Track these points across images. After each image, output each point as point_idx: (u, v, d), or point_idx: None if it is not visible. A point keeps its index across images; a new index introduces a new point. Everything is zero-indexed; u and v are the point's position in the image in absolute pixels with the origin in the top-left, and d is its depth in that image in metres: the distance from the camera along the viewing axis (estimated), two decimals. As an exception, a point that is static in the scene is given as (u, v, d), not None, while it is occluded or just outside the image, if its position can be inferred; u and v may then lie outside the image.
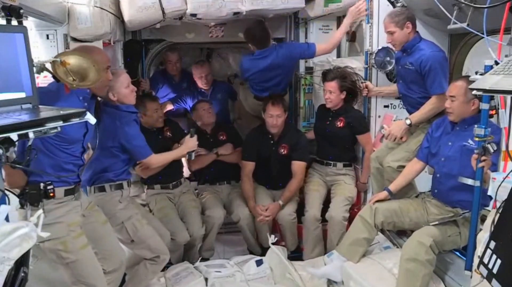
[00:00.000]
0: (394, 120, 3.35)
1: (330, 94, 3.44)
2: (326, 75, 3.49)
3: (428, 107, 2.93)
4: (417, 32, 2.97)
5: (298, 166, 3.59)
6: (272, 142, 3.65)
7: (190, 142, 3.07)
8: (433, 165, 2.83)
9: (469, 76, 2.51)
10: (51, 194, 2.16)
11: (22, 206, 2.18)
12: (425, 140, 2.90)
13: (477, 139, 2.27)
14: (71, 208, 2.31)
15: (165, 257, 2.92)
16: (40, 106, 1.72)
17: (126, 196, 2.88)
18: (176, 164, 3.56)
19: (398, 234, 3.20)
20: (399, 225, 2.90)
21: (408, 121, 3.02)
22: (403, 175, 2.95)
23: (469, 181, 2.43)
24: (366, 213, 2.88)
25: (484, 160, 2.27)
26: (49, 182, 2.17)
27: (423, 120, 3.01)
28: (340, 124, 3.51)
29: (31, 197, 2.14)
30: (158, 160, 2.96)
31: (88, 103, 2.38)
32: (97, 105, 2.64)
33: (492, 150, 2.25)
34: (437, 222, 2.65)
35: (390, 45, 3.17)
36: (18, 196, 2.19)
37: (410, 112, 3.13)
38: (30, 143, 1.55)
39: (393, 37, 2.94)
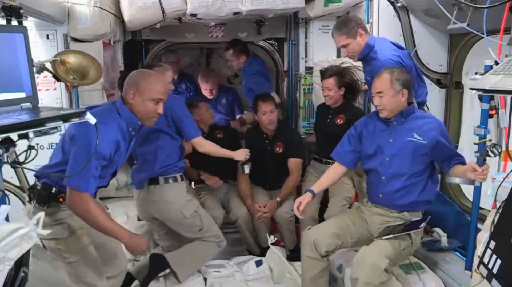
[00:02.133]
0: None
1: (329, 91, 3.45)
2: (324, 73, 3.50)
3: None
4: (370, 34, 2.82)
5: (294, 163, 3.60)
6: (267, 141, 3.65)
7: (241, 152, 3.07)
8: (373, 167, 2.61)
9: (392, 68, 2.49)
10: (61, 200, 2.16)
11: (29, 200, 2.20)
12: (346, 142, 2.72)
13: (478, 142, 2.26)
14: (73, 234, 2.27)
15: (223, 242, 3.04)
16: (40, 106, 1.72)
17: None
18: None
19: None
20: (345, 245, 2.68)
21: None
22: (327, 176, 2.79)
23: (457, 180, 2.43)
24: (307, 250, 2.62)
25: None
26: (62, 190, 2.15)
27: None
28: (340, 121, 3.49)
29: (41, 197, 2.15)
30: (207, 145, 2.94)
31: (135, 133, 2.32)
32: None
33: (496, 153, 2.25)
34: (391, 236, 2.46)
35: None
36: (28, 189, 2.25)
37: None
38: (30, 142, 1.55)
39: (349, 49, 2.77)
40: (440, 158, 2.46)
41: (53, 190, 2.16)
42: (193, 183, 4.02)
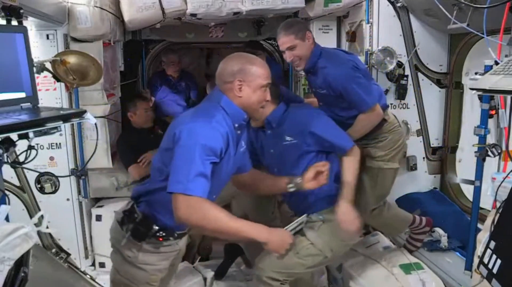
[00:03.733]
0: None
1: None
2: None
3: (357, 127, 2.55)
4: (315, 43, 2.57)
5: None
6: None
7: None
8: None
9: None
10: (160, 239, 1.89)
11: (122, 225, 1.92)
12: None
13: (477, 145, 2.26)
14: (167, 256, 2.00)
15: None
16: (40, 106, 1.72)
17: None
18: None
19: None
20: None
21: None
22: None
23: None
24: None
25: None
26: (164, 226, 1.88)
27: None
28: None
29: (138, 232, 1.87)
30: None
31: (242, 131, 1.94)
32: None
33: (496, 153, 2.25)
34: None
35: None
36: (124, 212, 1.93)
37: None
38: (30, 142, 1.55)
39: (295, 52, 2.46)
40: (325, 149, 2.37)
41: (154, 228, 1.86)
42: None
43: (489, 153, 2.26)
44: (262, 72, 1.84)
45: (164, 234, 1.88)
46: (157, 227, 1.86)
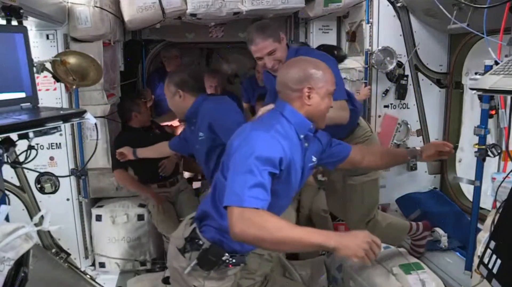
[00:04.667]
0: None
1: None
2: None
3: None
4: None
5: None
6: None
7: None
8: None
9: (173, 73, 2.48)
10: (229, 266, 1.77)
11: (182, 253, 1.79)
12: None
13: (478, 147, 2.26)
14: (233, 278, 1.91)
15: None
16: (40, 106, 1.72)
17: None
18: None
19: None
20: None
21: None
22: None
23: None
24: None
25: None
26: (234, 252, 1.76)
27: None
28: None
29: (206, 262, 1.74)
30: None
31: (309, 143, 1.79)
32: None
33: (495, 153, 2.25)
34: None
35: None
36: (186, 239, 1.79)
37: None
38: (30, 142, 1.55)
39: (276, 56, 2.27)
40: None
41: (225, 257, 1.73)
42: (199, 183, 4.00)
43: (489, 153, 2.26)
44: (330, 77, 1.72)
45: (234, 261, 1.74)
46: (227, 254, 1.72)
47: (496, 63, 2.02)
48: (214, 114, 2.33)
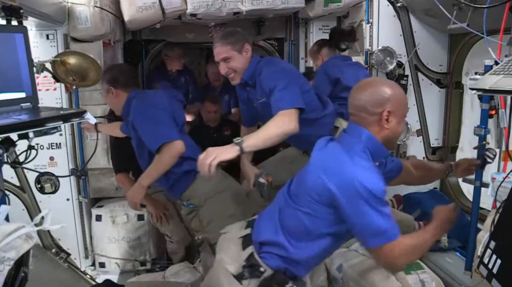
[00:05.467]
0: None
1: None
2: (307, 76, 3.51)
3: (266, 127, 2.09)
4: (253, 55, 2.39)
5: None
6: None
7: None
8: None
9: (106, 70, 2.52)
10: None
11: (239, 280, 1.68)
12: None
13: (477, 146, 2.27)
14: None
15: None
16: (40, 106, 1.72)
17: None
18: None
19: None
20: None
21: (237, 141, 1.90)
22: None
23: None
24: None
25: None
26: (295, 278, 1.72)
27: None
28: None
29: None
30: None
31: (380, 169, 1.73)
32: None
33: (491, 157, 2.25)
34: None
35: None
36: (244, 267, 1.70)
37: (303, 150, 2.66)
38: (30, 142, 1.55)
39: (230, 64, 2.30)
40: None
41: (289, 285, 1.67)
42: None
43: (485, 158, 2.28)
44: (405, 99, 1.69)
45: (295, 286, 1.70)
46: (291, 282, 1.67)
47: (496, 63, 2.02)
48: (134, 111, 2.39)
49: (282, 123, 2.02)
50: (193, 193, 2.54)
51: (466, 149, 3.38)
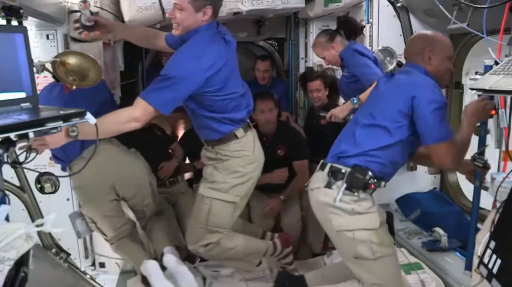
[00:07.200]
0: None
1: (318, 93, 3.48)
2: (310, 75, 3.51)
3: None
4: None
5: (300, 165, 3.43)
6: (266, 144, 3.11)
7: None
8: None
9: None
10: (371, 186, 2.03)
11: (329, 186, 2.05)
12: None
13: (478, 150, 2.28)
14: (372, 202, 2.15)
15: None
16: (40, 106, 1.72)
17: None
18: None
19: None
20: None
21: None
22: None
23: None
24: None
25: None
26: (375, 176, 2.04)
27: None
28: (324, 121, 3.37)
29: (356, 181, 2.00)
30: None
31: None
32: None
33: (481, 164, 2.26)
34: None
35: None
36: (329, 174, 2.08)
37: None
38: (29, 143, 1.55)
39: (180, 16, 2.23)
40: None
41: (369, 174, 2.00)
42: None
43: (476, 163, 2.27)
44: (446, 42, 2.17)
45: (375, 180, 2.03)
46: (371, 174, 2.01)
47: (496, 63, 2.02)
48: None
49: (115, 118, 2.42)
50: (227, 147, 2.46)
51: (466, 149, 3.38)
